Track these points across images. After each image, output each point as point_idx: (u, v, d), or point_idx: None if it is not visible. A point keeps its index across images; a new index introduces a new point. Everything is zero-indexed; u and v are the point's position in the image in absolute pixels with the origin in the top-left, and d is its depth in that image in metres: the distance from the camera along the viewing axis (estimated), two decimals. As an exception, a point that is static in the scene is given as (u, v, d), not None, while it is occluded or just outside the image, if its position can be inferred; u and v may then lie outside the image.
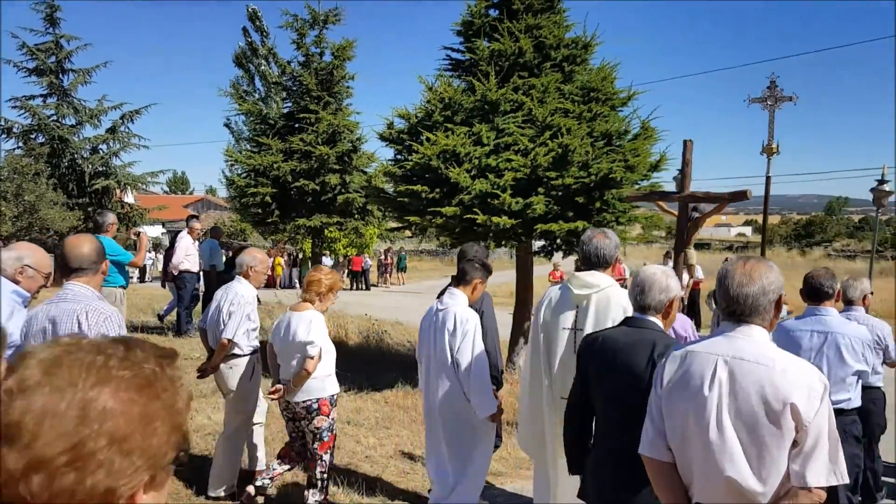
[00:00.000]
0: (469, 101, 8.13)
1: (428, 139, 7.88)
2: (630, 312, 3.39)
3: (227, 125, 22.91)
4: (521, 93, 8.14)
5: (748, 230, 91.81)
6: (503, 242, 8.24)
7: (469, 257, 4.43)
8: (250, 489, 4.73)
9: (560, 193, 7.80)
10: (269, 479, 4.75)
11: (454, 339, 4.21)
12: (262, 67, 21.70)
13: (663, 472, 2.43)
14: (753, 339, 2.25)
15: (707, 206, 8.06)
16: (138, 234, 8.09)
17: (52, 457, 0.81)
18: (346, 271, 31.82)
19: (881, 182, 16.18)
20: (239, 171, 12.61)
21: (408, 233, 10.36)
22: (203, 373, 4.97)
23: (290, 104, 13.07)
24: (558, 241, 8.57)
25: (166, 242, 22.43)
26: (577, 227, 7.81)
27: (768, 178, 12.91)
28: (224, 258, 12.63)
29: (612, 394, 2.81)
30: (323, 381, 4.57)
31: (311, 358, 4.40)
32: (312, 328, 4.43)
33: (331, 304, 4.76)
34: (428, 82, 8.62)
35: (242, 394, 4.91)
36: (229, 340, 4.76)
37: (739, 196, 7.37)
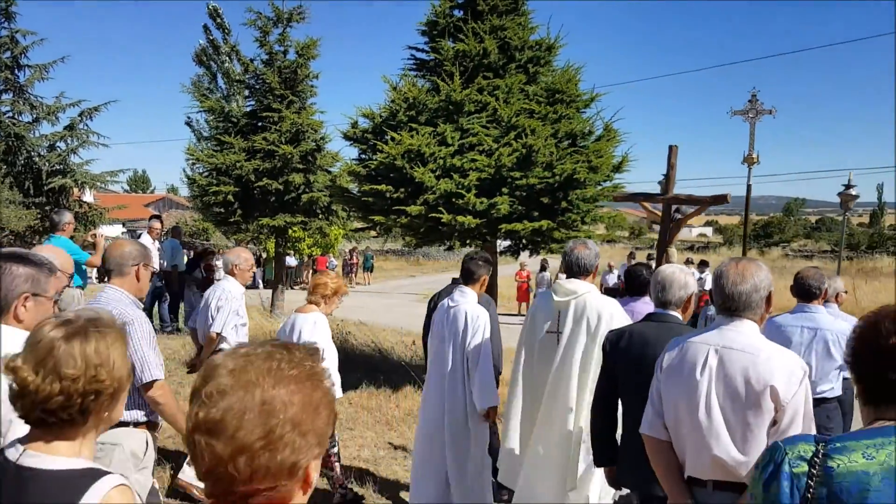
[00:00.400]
0: (433, 102, 8.13)
1: (392, 139, 7.86)
2: (606, 316, 3.76)
3: (188, 123, 22.50)
4: (486, 93, 8.16)
5: (709, 230, 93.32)
6: (468, 242, 8.25)
7: (472, 255, 4.71)
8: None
9: (524, 193, 7.84)
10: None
11: (465, 335, 4.37)
12: (226, 65, 21.37)
13: (661, 450, 2.65)
14: (744, 332, 2.52)
15: (688, 207, 8.26)
16: (94, 236, 7.98)
17: (252, 442, 1.07)
18: (311, 271, 31.72)
19: (848, 186, 17.09)
20: (200, 170, 12.41)
21: (373, 232, 10.33)
22: (192, 367, 5.25)
23: (252, 103, 12.91)
24: (523, 240, 8.61)
25: (127, 242, 21.89)
26: (541, 226, 7.86)
27: (749, 187, 13.32)
28: (186, 258, 12.46)
29: (644, 385, 2.90)
30: None
31: None
32: (317, 329, 4.58)
33: (336, 307, 4.92)
34: (392, 82, 8.60)
35: None
36: (217, 334, 4.99)
37: (720, 199, 7.58)
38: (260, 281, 27.25)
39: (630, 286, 5.15)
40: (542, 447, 3.93)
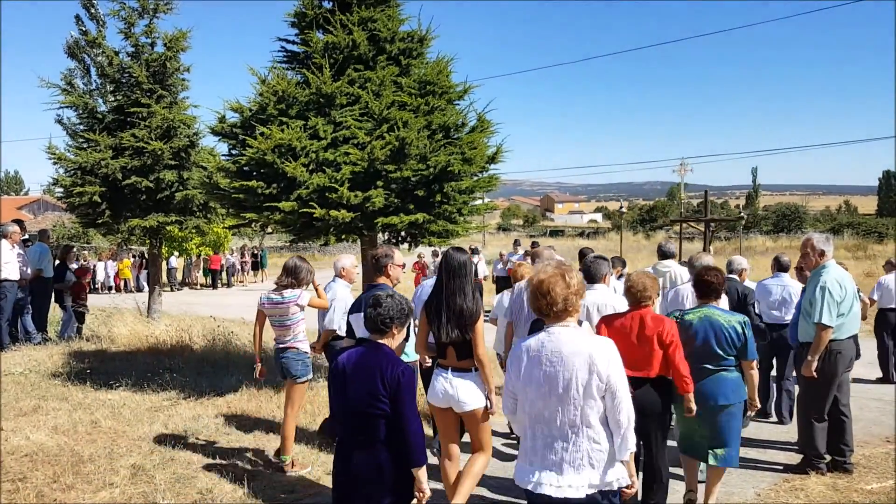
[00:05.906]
0: (304, 95, 7.96)
1: (262, 133, 7.65)
2: (685, 278, 6.85)
3: (59, 121, 21.17)
4: (357, 86, 8.06)
5: (598, 216, 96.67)
6: (343, 237, 8.15)
7: (590, 253, 6.32)
8: None
9: (400, 186, 7.81)
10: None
11: None
12: (99, 58, 20.24)
13: None
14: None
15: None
16: None
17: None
18: (202, 270, 30.95)
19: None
20: (63, 170, 11.67)
21: (270, 229, 10.06)
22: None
23: (120, 97, 12.24)
24: (402, 234, 8.58)
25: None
26: (418, 219, 7.86)
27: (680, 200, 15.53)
28: (55, 262, 11.69)
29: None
30: None
31: None
32: None
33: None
34: (261, 74, 8.35)
35: None
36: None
37: (738, 219, 24.11)
38: (146, 283, 26.12)
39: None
40: None
